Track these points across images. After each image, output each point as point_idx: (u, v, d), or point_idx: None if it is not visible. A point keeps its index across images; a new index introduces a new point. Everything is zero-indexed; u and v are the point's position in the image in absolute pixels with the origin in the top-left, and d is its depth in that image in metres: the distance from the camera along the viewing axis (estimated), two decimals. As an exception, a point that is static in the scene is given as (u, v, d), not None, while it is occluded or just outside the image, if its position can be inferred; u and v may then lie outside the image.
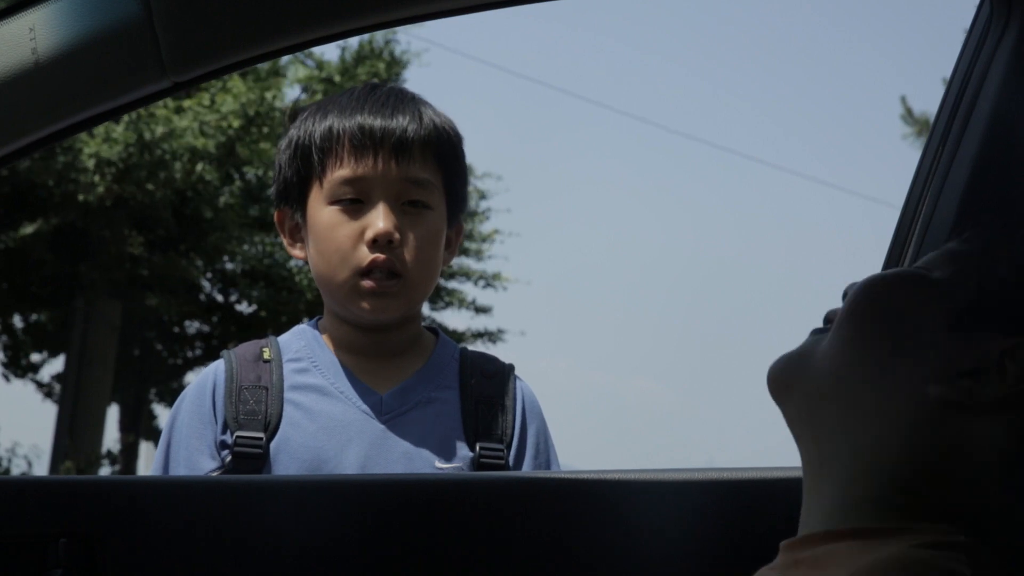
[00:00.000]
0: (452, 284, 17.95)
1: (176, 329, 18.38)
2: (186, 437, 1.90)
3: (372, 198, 1.90)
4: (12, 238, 15.50)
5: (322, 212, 1.91)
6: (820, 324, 1.25)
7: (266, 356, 1.93)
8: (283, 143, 1.98)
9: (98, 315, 16.81)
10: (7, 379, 18.35)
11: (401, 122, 1.91)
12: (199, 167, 15.15)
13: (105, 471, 17.71)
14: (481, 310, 18.15)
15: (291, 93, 16.79)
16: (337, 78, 16.39)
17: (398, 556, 1.60)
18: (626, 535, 1.62)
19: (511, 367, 2.00)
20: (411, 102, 1.95)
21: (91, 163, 14.73)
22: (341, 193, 1.90)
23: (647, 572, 1.62)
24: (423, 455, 1.88)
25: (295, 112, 2.02)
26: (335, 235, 1.90)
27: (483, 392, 1.95)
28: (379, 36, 16.78)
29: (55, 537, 1.53)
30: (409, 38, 17.39)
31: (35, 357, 18.73)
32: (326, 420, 1.89)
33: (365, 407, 1.90)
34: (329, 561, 1.58)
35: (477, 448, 1.90)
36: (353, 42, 17.08)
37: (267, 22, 1.27)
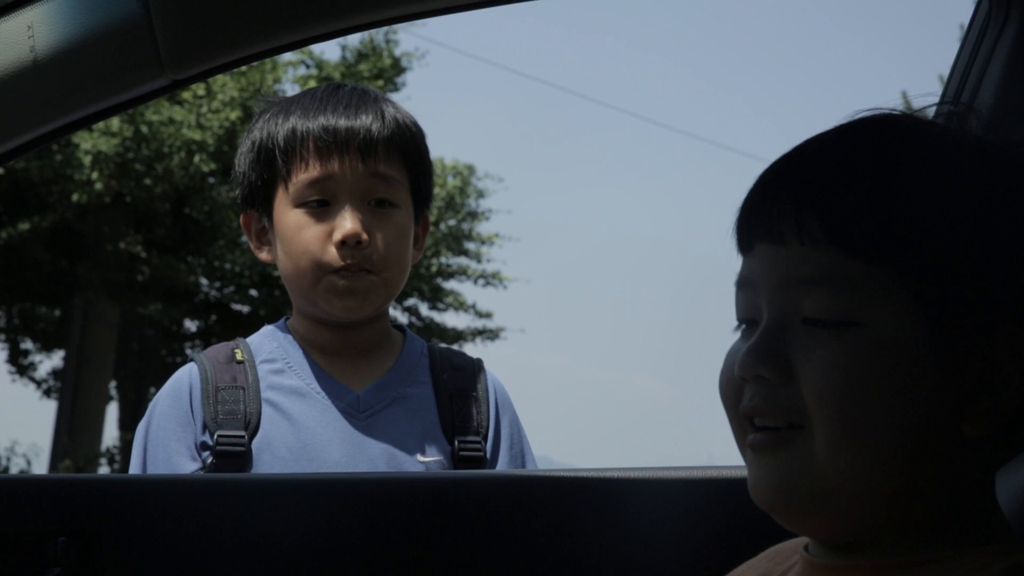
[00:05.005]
0: (451, 284, 17.88)
1: (175, 328, 18.36)
2: (164, 440, 1.89)
3: (339, 199, 1.89)
4: (10, 233, 15.44)
5: (288, 215, 1.91)
6: None
7: (239, 357, 1.94)
8: (244, 145, 1.97)
9: (97, 313, 16.79)
10: (14, 379, 18.34)
11: (365, 121, 1.90)
12: (196, 159, 15.09)
13: (104, 469, 17.70)
14: (482, 314, 18.09)
15: (292, 88, 16.62)
16: (337, 77, 16.30)
17: (398, 554, 1.60)
18: (625, 533, 1.62)
19: (480, 360, 2.02)
20: (374, 101, 1.94)
21: (87, 159, 14.70)
22: (307, 195, 1.90)
23: (646, 570, 1.62)
24: (403, 450, 1.90)
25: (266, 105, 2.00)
26: (303, 237, 1.89)
27: (456, 385, 1.96)
28: (379, 35, 16.71)
29: (54, 535, 1.54)
30: (411, 37, 17.34)
31: (34, 355, 18.73)
32: (305, 421, 1.89)
33: (343, 406, 1.91)
34: (329, 559, 1.59)
35: (456, 442, 1.92)
36: (354, 40, 17.01)
37: (265, 19, 1.27)
